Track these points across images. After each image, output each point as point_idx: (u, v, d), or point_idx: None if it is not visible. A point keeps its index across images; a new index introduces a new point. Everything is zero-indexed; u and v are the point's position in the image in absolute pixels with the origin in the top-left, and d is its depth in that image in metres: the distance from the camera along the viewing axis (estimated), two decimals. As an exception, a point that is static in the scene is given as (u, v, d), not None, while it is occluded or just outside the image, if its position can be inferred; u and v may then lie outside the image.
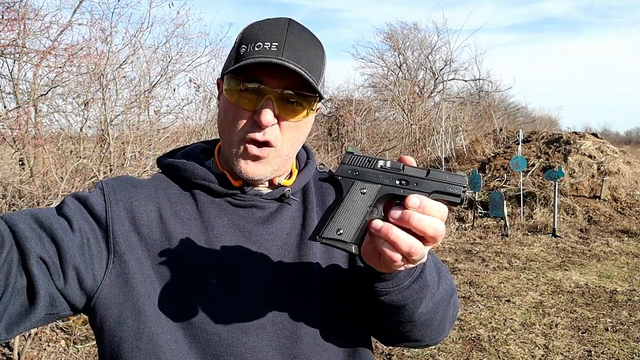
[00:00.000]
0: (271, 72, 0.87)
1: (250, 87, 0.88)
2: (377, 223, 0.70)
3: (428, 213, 0.69)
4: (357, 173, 0.75)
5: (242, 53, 0.88)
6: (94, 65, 6.21)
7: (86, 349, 3.96)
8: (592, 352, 4.17)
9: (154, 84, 7.81)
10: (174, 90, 8.17)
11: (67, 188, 5.21)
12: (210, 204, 0.95)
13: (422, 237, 0.69)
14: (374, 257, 0.75)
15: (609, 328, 4.66)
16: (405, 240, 0.68)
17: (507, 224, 8.68)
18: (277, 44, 0.86)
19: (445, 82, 20.86)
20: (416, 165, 0.75)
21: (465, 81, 21.34)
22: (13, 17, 5.76)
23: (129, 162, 6.16)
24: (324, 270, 0.95)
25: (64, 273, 0.81)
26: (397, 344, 0.98)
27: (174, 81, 8.14)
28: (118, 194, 0.91)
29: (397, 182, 0.74)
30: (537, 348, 4.26)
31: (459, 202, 0.74)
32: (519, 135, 11.12)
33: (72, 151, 6.33)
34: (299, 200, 1.01)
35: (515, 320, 4.85)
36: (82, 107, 6.46)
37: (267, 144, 0.89)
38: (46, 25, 6.43)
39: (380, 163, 0.75)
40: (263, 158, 0.90)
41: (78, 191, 0.97)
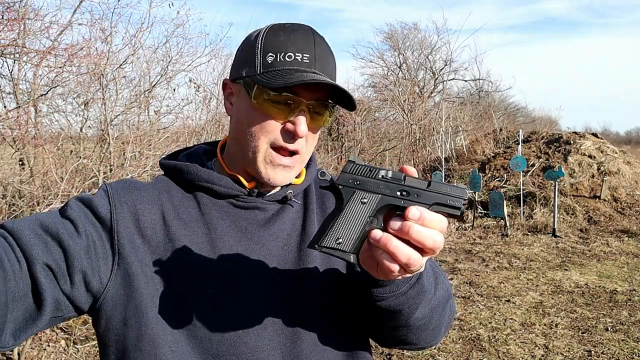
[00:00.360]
0: (306, 85, 0.89)
1: (285, 98, 0.89)
2: (377, 233, 0.70)
3: (428, 225, 0.69)
4: (358, 182, 0.75)
5: (271, 62, 0.89)
6: (94, 65, 6.20)
7: (86, 349, 3.96)
8: (592, 352, 4.17)
9: (154, 84, 7.82)
10: (174, 90, 8.17)
11: (67, 188, 5.21)
12: (212, 206, 0.96)
13: (421, 248, 0.70)
14: (371, 265, 0.75)
15: (609, 328, 4.66)
16: (403, 252, 0.69)
17: (507, 224, 8.68)
18: (308, 55, 0.89)
19: (445, 82, 20.89)
20: (417, 176, 0.75)
21: (465, 81, 21.39)
22: (13, 17, 5.76)
23: (129, 162, 6.16)
24: (323, 272, 0.96)
25: (70, 277, 0.82)
26: (392, 347, 0.99)
27: (174, 81, 8.14)
28: (122, 196, 0.92)
29: (398, 192, 0.74)
30: (537, 348, 4.26)
31: (459, 214, 0.74)
32: (519, 135, 11.12)
33: (72, 151, 6.33)
34: (300, 202, 1.02)
35: (515, 320, 4.85)
36: (82, 107, 6.46)
37: (296, 151, 0.93)
38: (46, 25, 6.43)
39: (382, 173, 0.75)
40: (291, 167, 0.94)
41: (82, 193, 0.97)
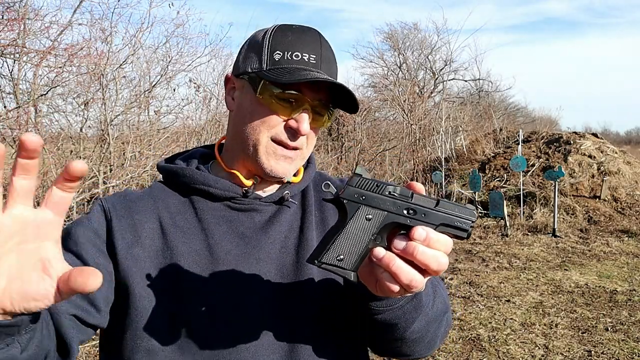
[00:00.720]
0: (311, 84, 0.91)
1: (290, 96, 0.91)
2: (380, 252, 0.68)
3: (433, 246, 0.67)
4: (364, 197, 0.72)
5: (278, 60, 0.91)
6: (94, 65, 6.21)
7: (86, 349, 3.96)
8: (592, 352, 4.17)
9: (154, 84, 7.82)
10: (174, 90, 8.18)
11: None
12: (209, 210, 0.95)
13: (424, 269, 0.68)
14: (370, 281, 0.74)
15: (609, 328, 4.66)
16: (406, 273, 0.67)
17: (507, 224, 8.68)
18: (314, 56, 0.92)
19: (445, 82, 20.89)
20: (425, 193, 0.72)
21: (465, 81, 21.38)
22: (13, 17, 5.76)
23: (129, 162, 6.16)
24: (321, 278, 0.95)
25: (96, 308, 0.84)
26: (386, 356, 0.98)
27: (174, 81, 8.14)
28: (118, 210, 0.93)
29: (405, 211, 0.71)
30: (537, 348, 4.26)
31: (466, 237, 0.71)
32: (519, 135, 11.12)
33: (72, 151, 6.33)
34: (297, 203, 1.02)
35: (515, 320, 4.85)
36: (82, 107, 6.46)
37: (297, 147, 0.95)
38: (46, 25, 6.44)
39: (390, 189, 0.72)
40: (293, 159, 0.96)
41: (80, 216, 0.99)
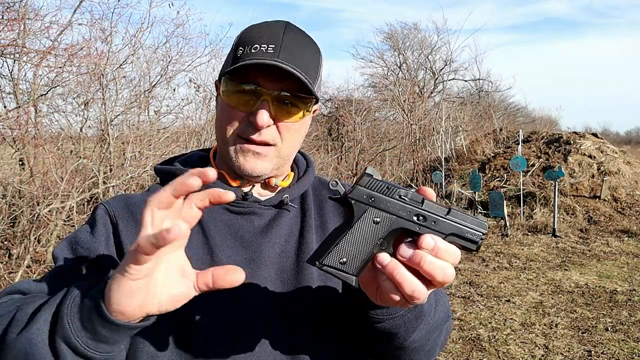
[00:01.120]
0: (267, 74, 0.87)
1: (247, 88, 0.89)
2: (384, 258, 0.65)
3: (441, 256, 0.64)
4: (373, 199, 0.68)
5: (239, 55, 0.89)
6: (94, 65, 6.21)
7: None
8: (592, 352, 4.17)
9: (154, 84, 7.82)
10: (174, 90, 8.19)
11: (67, 188, 5.21)
12: (208, 213, 0.94)
13: (429, 280, 0.65)
14: (371, 288, 0.71)
15: (609, 328, 4.66)
16: (409, 283, 0.64)
17: (507, 224, 8.68)
18: (273, 45, 0.87)
19: (445, 82, 20.89)
20: (436, 200, 0.69)
21: (465, 81, 21.38)
22: (13, 17, 5.76)
23: (129, 162, 6.17)
24: (321, 281, 0.94)
25: None
26: None
27: (174, 81, 8.16)
28: (123, 214, 0.92)
29: (415, 217, 0.67)
30: (537, 348, 4.26)
31: (475, 249, 0.67)
32: (519, 135, 11.12)
33: (72, 151, 6.33)
34: (297, 207, 1.00)
35: (515, 320, 4.85)
36: (82, 107, 6.46)
37: (265, 143, 0.90)
38: (46, 25, 6.44)
39: (401, 193, 0.68)
40: (263, 155, 0.91)
41: (87, 221, 0.96)
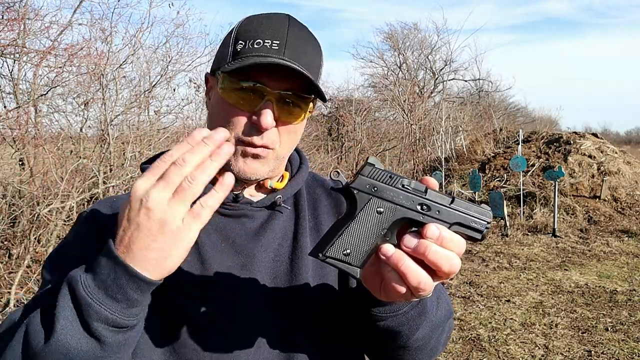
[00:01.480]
0: (271, 72, 0.81)
1: (250, 87, 0.82)
2: (388, 249, 0.64)
3: (446, 246, 0.62)
4: (376, 189, 0.67)
5: (239, 50, 0.82)
6: (94, 65, 6.21)
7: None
8: (592, 352, 4.17)
9: (154, 84, 7.82)
10: (174, 90, 8.18)
11: (67, 188, 5.21)
12: None
13: (435, 271, 0.63)
14: (374, 282, 0.69)
15: (609, 328, 4.66)
16: (415, 274, 0.62)
17: (507, 224, 8.68)
18: (278, 42, 0.81)
19: (445, 82, 20.89)
20: (439, 190, 0.68)
21: (465, 81, 21.39)
22: (13, 17, 5.76)
23: (129, 162, 6.16)
24: (317, 286, 0.90)
25: None
26: None
27: (174, 81, 8.15)
28: (109, 218, 0.89)
29: (419, 206, 0.66)
30: (537, 348, 4.25)
31: (480, 239, 0.66)
32: (519, 135, 11.11)
33: (72, 151, 6.33)
34: (290, 207, 0.95)
35: (515, 320, 4.85)
36: (82, 107, 6.46)
37: (266, 146, 0.85)
38: (46, 25, 6.44)
39: (404, 182, 0.67)
40: (262, 157, 0.86)
41: (71, 232, 0.94)
